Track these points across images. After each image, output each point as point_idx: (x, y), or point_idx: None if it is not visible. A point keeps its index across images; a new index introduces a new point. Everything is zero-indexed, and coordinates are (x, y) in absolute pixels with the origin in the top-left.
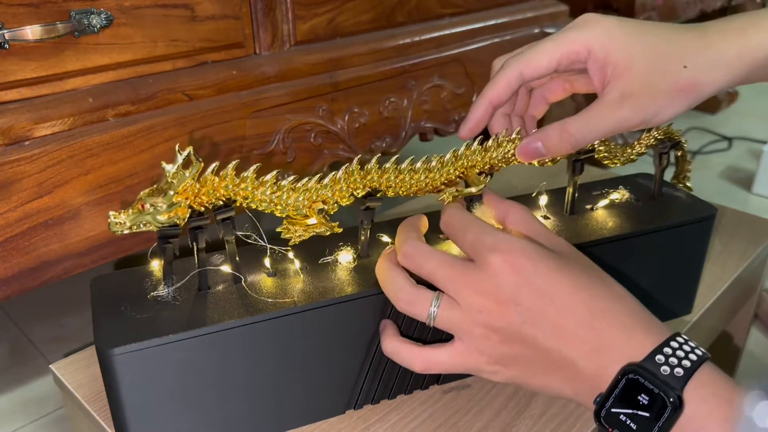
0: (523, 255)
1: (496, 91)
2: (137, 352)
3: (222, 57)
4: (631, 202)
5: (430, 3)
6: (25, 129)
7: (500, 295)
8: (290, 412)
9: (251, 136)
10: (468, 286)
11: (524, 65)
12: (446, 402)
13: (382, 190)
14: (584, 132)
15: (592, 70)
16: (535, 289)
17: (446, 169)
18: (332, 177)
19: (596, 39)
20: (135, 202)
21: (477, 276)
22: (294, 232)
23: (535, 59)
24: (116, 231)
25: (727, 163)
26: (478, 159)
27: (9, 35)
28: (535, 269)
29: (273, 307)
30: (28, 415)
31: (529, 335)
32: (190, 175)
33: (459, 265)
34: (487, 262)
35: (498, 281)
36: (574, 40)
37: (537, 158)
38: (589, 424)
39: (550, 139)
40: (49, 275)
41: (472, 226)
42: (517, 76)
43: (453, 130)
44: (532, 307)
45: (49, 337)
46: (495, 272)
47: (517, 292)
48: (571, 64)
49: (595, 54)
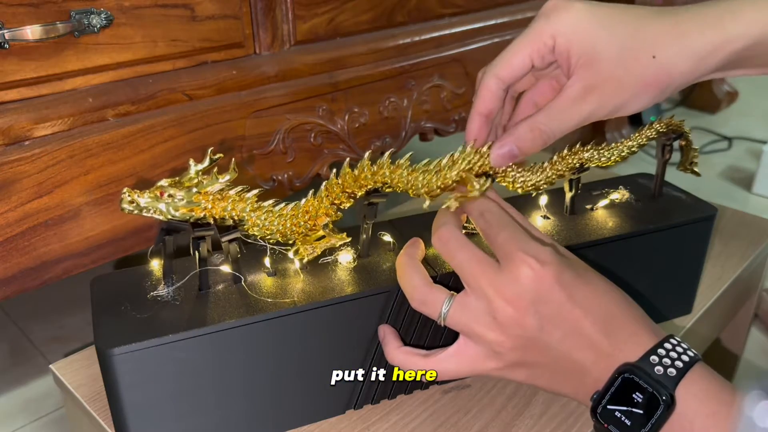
0: (550, 265)
1: (482, 102)
2: (137, 352)
3: (222, 57)
4: (631, 202)
5: (430, 3)
6: (25, 129)
7: (521, 302)
8: (290, 411)
9: (251, 136)
10: (492, 287)
11: (499, 69)
12: (446, 402)
13: (381, 186)
14: (553, 126)
15: (559, 60)
16: (556, 298)
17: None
18: (328, 184)
19: (561, 28)
20: (154, 187)
21: (502, 279)
22: (305, 251)
23: (507, 60)
24: (125, 209)
25: (727, 163)
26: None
27: (9, 35)
28: (559, 280)
29: (273, 307)
30: (28, 415)
31: (543, 342)
32: (223, 183)
33: (487, 264)
34: (515, 267)
35: (522, 287)
36: (540, 32)
37: (513, 160)
38: (590, 423)
39: (523, 140)
40: (49, 275)
41: (508, 227)
42: (496, 82)
43: (453, 130)
44: (551, 316)
45: (49, 337)
46: (520, 278)
47: (539, 299)
48: (542, 59)
49: (559, 44)
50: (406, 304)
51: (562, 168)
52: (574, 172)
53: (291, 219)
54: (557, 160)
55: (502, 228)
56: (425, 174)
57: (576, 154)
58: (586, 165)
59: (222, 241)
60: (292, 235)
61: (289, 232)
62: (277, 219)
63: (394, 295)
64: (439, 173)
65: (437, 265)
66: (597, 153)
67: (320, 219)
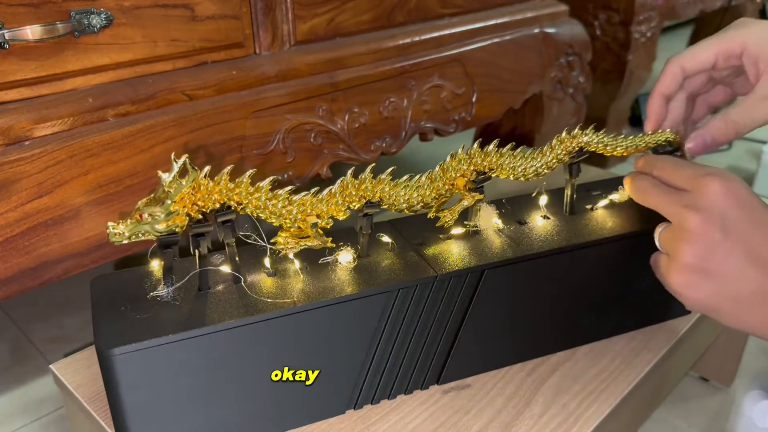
0: (737, 184)
1: (665, 84)
2: (137, 352)
3: (222, 57)
4: (631, 202)
5: (430, 3)
6: (25, 129)
7: (709, 212)
8: (290, 411)
9: (251, 136)
10: (682, 203)
11: (685, 60)
12: (446, 402)
13: (378, 201)
14: (746, 119)
15: (746, 64)
16: (745, 213)
17: (435, 184)
18: (329, 192)
19: (751, 37)
20: (133, 212)
21: (692, 196)
22: (287, 244)
23: (694, 54)
24: (115, 241)
25: (727, 163)
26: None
27: (9, 35)
28: (748, 197)
29: (273, 307)
30: (28, 415)
31: (724, 252)
32: (186, 184)
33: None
34: (704, 185)
35: (711, 201)
36: (731, 38)
37: (705, 151)
38: (590, 423)
39: (716, 129)
40: (49, 275)
41: (689, 164)
42: (679, 68)
43: (453, 130)
44: (735, 230)
45: (49, 337)
46: (710, 193)
47: (725, 215)
48: (727, 60)
49: (749, 49)
50: (406, 304)
51: (562, 152)
52: (573, 157)
53: (283, 201)
54: (556, 144)
55: (683, 165)
56: (407, 189)
57: (575, 138)
58: (585, 149)
59: (217, 221)
60: (280, 220)
61: (279, 213)
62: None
63: (394, 295)
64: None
65: (437, 265)
66: (596, 138)
67: (310, 217)
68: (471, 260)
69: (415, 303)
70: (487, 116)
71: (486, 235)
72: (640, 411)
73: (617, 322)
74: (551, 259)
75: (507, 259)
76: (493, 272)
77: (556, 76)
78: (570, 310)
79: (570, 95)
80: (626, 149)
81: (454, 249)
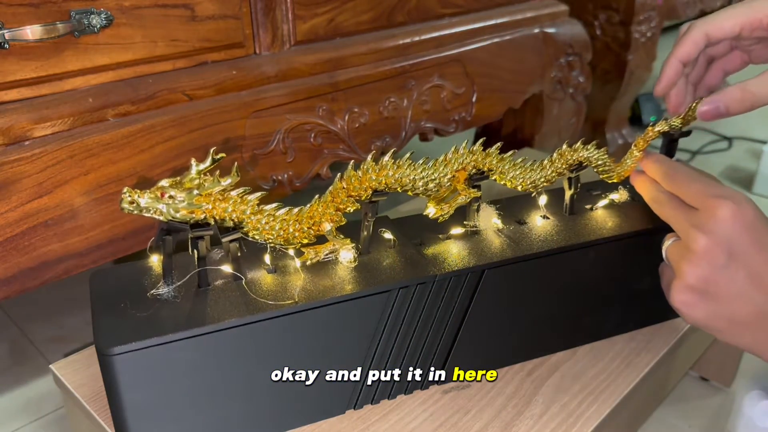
0: (747, 208)
1: (685, 49)
2: (137, 352)
3: (222, 57)
4: (631, 202)
5: (430, 3)
6: (25, 129)
7: (715, 235)
8: (290, 411)
9: (251, 136)
10: (690, 222)
11: (710, 26)
12: (446, 402)
13: (385, 187)
14: (764, 91)
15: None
16: (751, 237)
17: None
18: (332, 189)
19: None
20: (155, 187)
21: (701, 217)
22: (308, 254)
23: (720, 21)
24: (125, 209)
25: (727, 163)
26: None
27: (9, 35)
28: (756, 221)
29: (273, 307)
30: (28, 415)
31: (727, 276)
32: (225, 185)
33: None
34: (714, 207)
35: (718, 224)
36: (759, 9)
37: (717, 118)
38: (590, 423)
39: (732, 98)
40: (49, 275)
41: (699, 178)
42: (702, 36)
43: (453, 130)
44: (740, 254)
45: (49, 337)
46: (718, 216)
47: (732, 239)
48: (753, 31)
49: None
50: (406, 303)
51: (562, 166)
52: (573, 170)
53: (294, 224)
54: (557, 158)
55: (693, 179)
56: (425, 171)
57: (576, 152)
58: (585, 164)
59: (223, 241)
60: (294, 240)
61: (292, 237)
62: (279, 223)
63: (395, 294)
64: (437, 170)
65: (437, 265)
66: (597, 153)
67: (323, 225)
68: (471, 260)
69: (415, 303)
70: (487, 116)
71: (485, 235)
72: (640, 411)
73: (617, 322)
74: (551, 259)
75: (506, 259)
76: (493, 272)
77: (556, 76)
78: (570, 310)
79: (570, 95)
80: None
81: (454, 249)
